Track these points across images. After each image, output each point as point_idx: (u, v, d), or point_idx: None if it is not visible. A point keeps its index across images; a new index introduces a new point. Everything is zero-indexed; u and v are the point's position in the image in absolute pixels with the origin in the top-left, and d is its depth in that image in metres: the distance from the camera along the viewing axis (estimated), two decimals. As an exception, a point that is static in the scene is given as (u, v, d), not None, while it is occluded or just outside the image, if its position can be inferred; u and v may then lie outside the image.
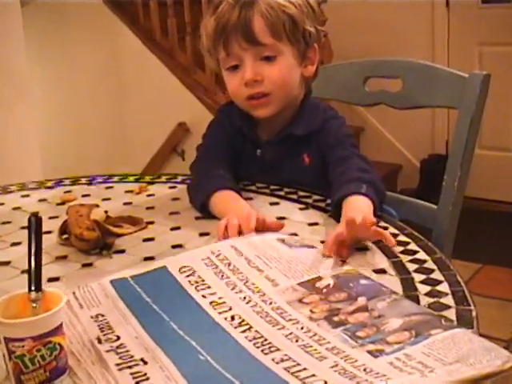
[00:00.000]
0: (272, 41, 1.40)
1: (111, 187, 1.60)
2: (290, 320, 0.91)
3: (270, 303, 0.96)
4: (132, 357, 0.83)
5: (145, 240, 1.25)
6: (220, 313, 0.94)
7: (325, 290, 0.97)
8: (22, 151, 3.46)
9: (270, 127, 1.51)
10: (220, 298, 0.98)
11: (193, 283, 1.02)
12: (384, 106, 1.76)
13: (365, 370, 0.78)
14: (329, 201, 1.37)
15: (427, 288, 0.98)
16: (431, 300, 0.94)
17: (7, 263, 1.17)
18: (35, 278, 0.84)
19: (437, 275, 1.02)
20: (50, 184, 1.65)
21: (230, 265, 1.07)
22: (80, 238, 1.17)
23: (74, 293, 0.98)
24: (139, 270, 1.06)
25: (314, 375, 0.77)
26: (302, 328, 0.89)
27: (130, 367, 0.81)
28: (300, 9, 1.42)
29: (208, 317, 0.93)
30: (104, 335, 0.89)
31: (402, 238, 1.18)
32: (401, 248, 1.13)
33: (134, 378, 0.79)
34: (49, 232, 1.24)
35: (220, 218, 1.25)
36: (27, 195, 1.58)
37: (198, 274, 1.04)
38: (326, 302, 0.94)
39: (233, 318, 0.93)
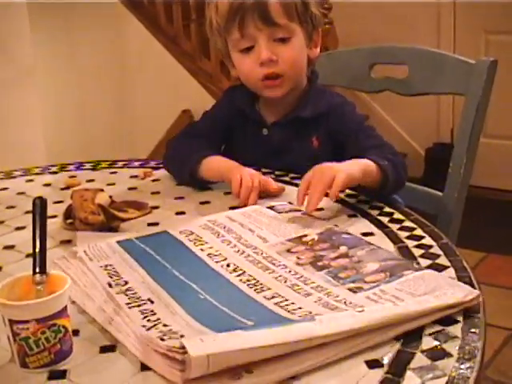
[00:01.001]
0: (286, 21, 1.42)
1: (116, 172, 1.59)
2: (279, 265, 1.03)
3: (261, 253, 1.08)
4: (139, 297, 0.93)
5: (149, 224, 1.25)
6: (217, 262, 1.06)
7: (310, 242, 1.11)
8: (25, 136, 3.46)
9: (276, 109, 1.52)
10: (216, 250, 1.10)
11: (192, 240, 1.14)
12: (389, 95, 1.76)
13: (345, 302, 0.90)
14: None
15: (433, 273, 0.97)
16: (437, 285, 0.94)
17: (11, 247, 1.17)
18: (40, 261, 0.84)
19: (443, 260, 1.02)
20: (54, 169, 1.65)
21: (224, 227, 1.18)
22: (85, 223, 1.17)
23: (84, 250, 1.06)
24: (142, 234, 1.17)
25: (300, 308, 0.89)
26: (289, 271, 1.01)
27: (138, 305, 0.90)
28: None
29: (206, 265, 1.05)
30: (114, 281, 0.98)
31: (408, 223, 1.18)
32: (407, 233, 1.13)
33: (142, 313, 0.88)
34: (53, 216, 1.24)
35: (214, 182, 1.42)
36: (31, 180, 1.57)
37: (196, 234, 1.16)
38: (311, 251, 1.07)
39: (228, 265, 1.05)
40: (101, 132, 3.85)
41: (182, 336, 0.80)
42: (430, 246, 1.07)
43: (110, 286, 0.96)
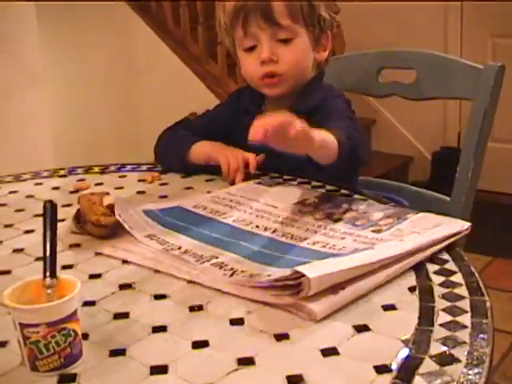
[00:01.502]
0: (290, 23, 1.43)
1: (124, 176, 1.60)
2: (302, 222, 1.16)
3: (279, 216, 1.20)
4: (202, 255, 1.05)
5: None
6: (245, 225, 1.17)
7: (313, 204, 1.24)
8: (34, 139, 3.47)
9: (279, 108, 1.51)
10: (238, 217, 1.21)
11: (209, 212, 1.24)
12: (396, 99, 1.76)
13: (376, 239, 1.05)
14: (328, 187, 1.38)
15: (441, 278, 0.97)
16: (445, 290, 0.94)
17: (21, 250, 1.17)
18: (50, 265, 0.84)
19: (451, 266, 1.02)
20: (62, 172, 1.65)
21: (231, 201, 1.30)
22: (97, 225, 1.17)
23: (119, 215, 1.16)
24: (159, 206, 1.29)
25: (344, 247, 1.03)
26: (313, 225, 1.14)
27: (208, 261, 1.03)
28: None
29: (238, 229, 1.16)
30: (168, 247, 1.09)
31: (415, 228, 1.18)
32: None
33: (215, 266, 1.01)
34: (62, 220, 1.24)
35: (203, 166, 1.49)
36: (40, 183, 1.58)
37: (210, 208, 1.26)
38: (318, 210, 1.21)
39: (257, 226, 1.16)
40: (108, 134, 3.85)
41: (269, 275, 0.94)
42: (438, 252, 1.07)
43: (167, 251, 1.07)
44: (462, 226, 1.10)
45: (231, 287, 0.96)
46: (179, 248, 1.09)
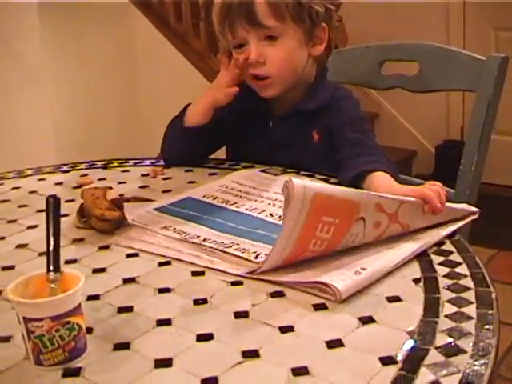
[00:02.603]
0: (275, 23, 1.41)
1: (127, 171, 1.59)
2: None
3: None
4: (222, 243, 1.06)
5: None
6: (259, 213, 1.19)
7: None
8: (35, 136, 3.47)
9: (281, 103, 1.52)
10: (250, 206, 1.22)
11: (220, 202, 1.26)
12: (399, 92, 1.75)
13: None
14: (332, 180, 1.38)
15: (446, 270, 0.97)
16: (450, 282, 0.94)
17: (24, 246, 1.17)
18: (54, 259, 0.84)
19: (455, 257, 1.01)
20: (65, 168, 1.65)
21: (240, 191, 1.31)
22: (102, 219, 1.17)
23: (132, 220, 1.18)
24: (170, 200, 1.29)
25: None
26: None
27: (229, 247, 1.05)
28: None
29: (252, 217, 1.17)
30: (185, 237, 1.10)
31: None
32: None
33: (238, 250, 1.03)
34: (65, 215, 1.24)
35: (206, 124, 1.51)
36: (43, 179, 1.58)
37: (220, 197, 1.28)
38: None
39: (271, 214, 1.17)
40: (110, 131, 3.85)
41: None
42: (442, 243, 1.07)
43: (186, 240, 1.09)
44: (471, 209, 1.15)
45: (254, 273, 0.97)
46: (198, 237, 1.10)
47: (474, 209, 1.15)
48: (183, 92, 3.92)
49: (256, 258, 1.01)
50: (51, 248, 0.85)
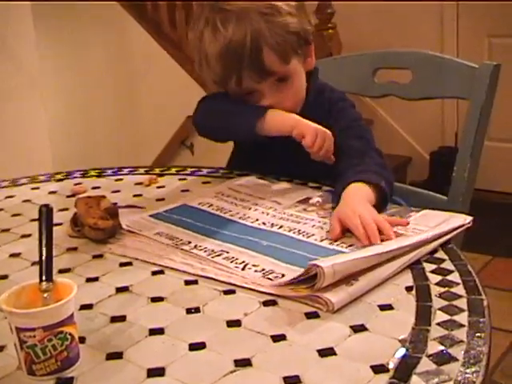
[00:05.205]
0: (283, 67, 1.38)
1: (121, 179, 1.60)
2: (307, 219, 1.19)
3: (284, 213, 1.24)
4: (213, 250, 1.08)
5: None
6: (252, 222, 1.20)
7: (317, 204, 1.28)
8: (32, 142, 3.47)
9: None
10: (244, 214, 1.24)
11: (215, 210, 1.27)
12: (393, 99, 1.76)
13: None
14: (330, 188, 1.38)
15: (438, 278, 0.98)
16: (442, 289, 0.94)
17: (17, 255, 1.17)
18: (46, 268, 0.84)
19: (448, 265, 1.02)
20: (59, 176, 1.65)
21: (236, 198, 1.33)
22: (95, 228, 1.17)
23: (126, 225, 1.20)
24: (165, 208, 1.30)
25: (351, 245, 1.07)
26: (319, 221, 1.18)
27: (218, 255, 1.06)
28: (298, 14, 1.39)
29: (245, 225, 1.19)
30: (177, 243, 1.12)
31: (412, 228, 1.18)
32: (411, 238, 1.13)
33: (227, 260, 1.04)
34: (59, 224, 1.24)
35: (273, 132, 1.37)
36: (37, 188, 1.58)
37: (216, 205, 1.29)
38: (323, 209, 1.25)
39: (264, 223, 1.19)
40: (106, 138, 3.86)
41: (283, 275, 0.97)
42: (435, 251, 1.07)
43: (177, 246, 1.11)
44: (464, 219, 1.15)
45: (246, 282, 0.98)
46: (189, 243, 1.12)
47: (467, 220, 1.15)
48: (178, 99, 3.93)
49: (243, 269, 1.02)
50: (43, 258, 0.85)
